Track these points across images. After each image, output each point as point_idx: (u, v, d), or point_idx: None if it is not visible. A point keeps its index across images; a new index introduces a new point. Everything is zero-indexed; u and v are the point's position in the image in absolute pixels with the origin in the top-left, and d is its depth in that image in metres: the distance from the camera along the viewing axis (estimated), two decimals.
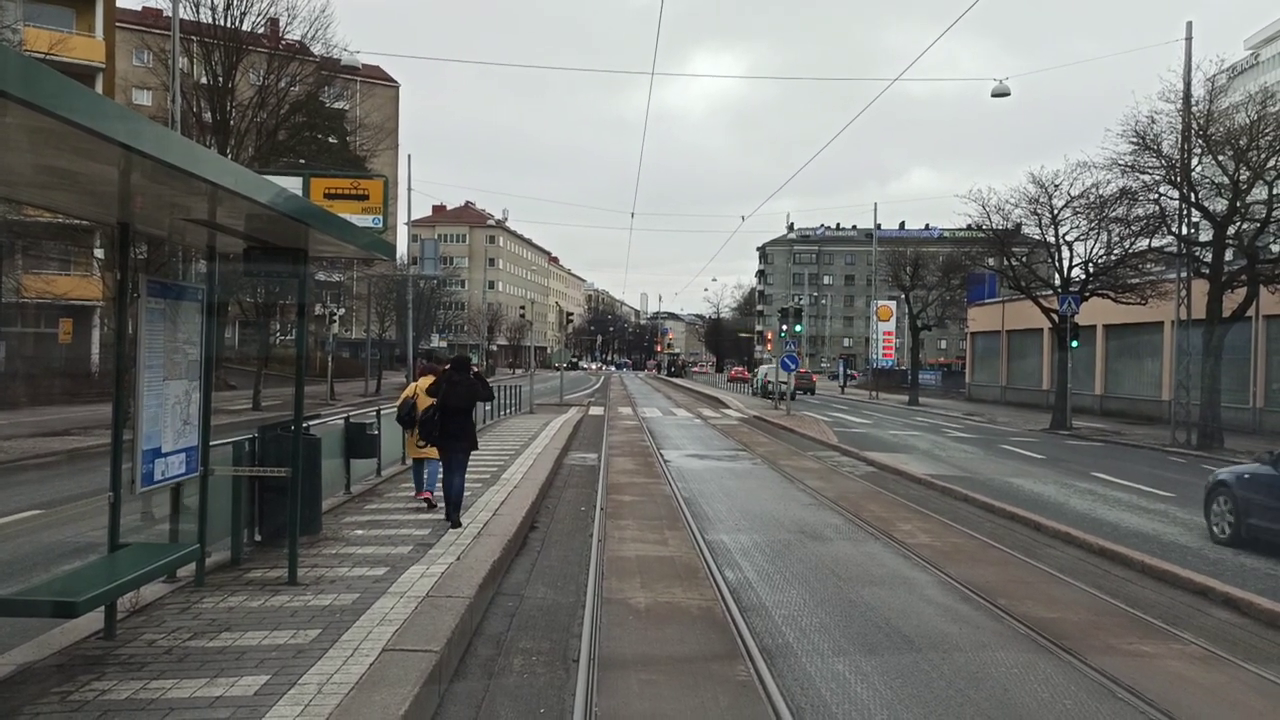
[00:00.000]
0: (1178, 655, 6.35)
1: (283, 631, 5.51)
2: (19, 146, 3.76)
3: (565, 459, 17.10)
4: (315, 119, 38.72)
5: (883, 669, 5.81)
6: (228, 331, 44.79)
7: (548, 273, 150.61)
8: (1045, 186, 30.71)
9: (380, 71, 67.39)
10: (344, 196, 16.10)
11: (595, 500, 12.30)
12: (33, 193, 5.36)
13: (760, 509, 12.18)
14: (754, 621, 6.71)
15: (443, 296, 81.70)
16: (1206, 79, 25.10)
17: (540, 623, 6.67)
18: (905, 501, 13.15)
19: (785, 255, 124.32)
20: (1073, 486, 15.76)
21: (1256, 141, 23.46)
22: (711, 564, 8.58)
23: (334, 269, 43.54)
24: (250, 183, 4.99)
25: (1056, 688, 5.52)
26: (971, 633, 6.70)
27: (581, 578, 8.02)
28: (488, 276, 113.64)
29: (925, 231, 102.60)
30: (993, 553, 9.72)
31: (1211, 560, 9.79)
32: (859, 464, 18.01)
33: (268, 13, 31.63)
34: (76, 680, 4.67)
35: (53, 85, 3.11)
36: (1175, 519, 12.63)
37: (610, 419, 28.61)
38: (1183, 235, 25.53)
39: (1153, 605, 7.68)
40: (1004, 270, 35.25)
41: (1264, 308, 26.80)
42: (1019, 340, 46.97)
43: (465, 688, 5.31)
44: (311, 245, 6.77)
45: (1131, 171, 25.78)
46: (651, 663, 5.87)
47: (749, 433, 25.36)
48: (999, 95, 26.50)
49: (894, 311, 62.86)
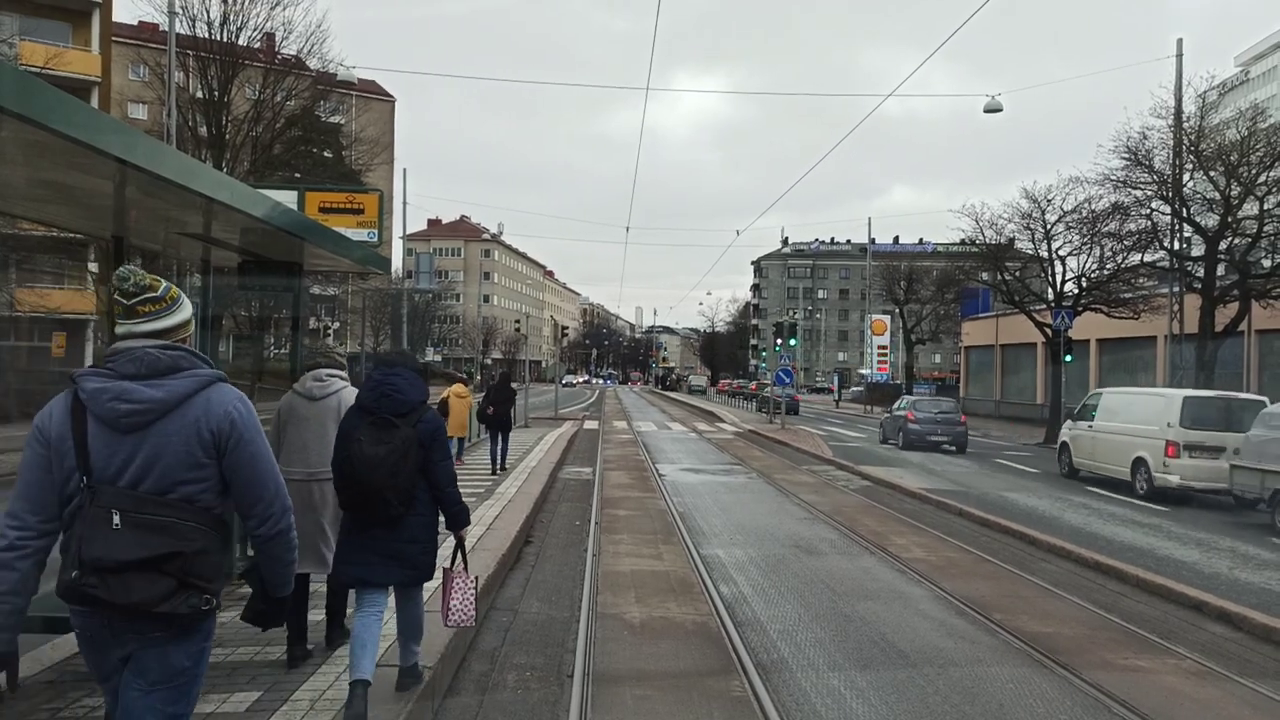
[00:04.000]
0: (1172, 670, 6.34)
1: (275, 647, 5.47)
2: (14, 160, 3.77)
3: (560, 473, 17.06)
4: (311, 133, 38.73)
5: (878, 684, 5.79)
6: (222, 345, 44.62)
7: (543, 286, 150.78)
8: (1038, 201, 30.89)
9: (375, 86, 67.55)
10: (339, 210, 16.08)
11: (590, 515, 12.27)
12: (27, 206, 5.36)
13: (755, 523, 12.16)
14: (749, 636, 6.69)
15: (438, 310, 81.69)
16: (1198, 95, 25.35)
17: (534, 638, 6.64)
18: (900, 516, 13.14)
19: (779, 269, 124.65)
20: (1067, 500, 15.77)
21: (1247, 157, 23.65)
22: (706, 579, 8.56)
23: (329, 282, 43.49)
24: (245, 197, 4.99)
25: (1052, 703, 5.51)
26: (967, 647, 6.69)
27: (576, 592, 7.99)
28: (483, 290, 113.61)
29: (919, 246, 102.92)
30: (987, 567, 9.71)
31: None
32: (854, 478, 18.00)
33: (264, 28, 31.72)
34: (67, 697, 4.64)
35: (48, 99, 3.12)
36: (1170, 533, 12.64)
37: (605, 433, 28.58)
38: (1175, 250, 25.68)
39: (1147, 619, 7.68)
40: (998, 285, 35.38)
41: (1256, 322, 26.93)
42: (1013, 354, 47.09)
43: (459, 703, 5.28)
44: (306, 259, 6.78)
45: (1124, 187, 25.99)
46: (646, 678, 5.84)
47: (744, 447, 25.34)
48: (991, 111, 26.73)
49: (888, 325, 62.94)
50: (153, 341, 2.72)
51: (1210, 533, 12.70)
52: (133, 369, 2.66)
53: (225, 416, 2.72)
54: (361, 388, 4.72)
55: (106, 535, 2.55)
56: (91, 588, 2.54)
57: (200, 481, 2.69)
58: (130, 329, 2.73)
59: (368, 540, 4.53)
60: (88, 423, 2.65)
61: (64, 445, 2.65)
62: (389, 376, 4.62)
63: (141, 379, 2.65)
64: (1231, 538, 12.32)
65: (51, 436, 2.67)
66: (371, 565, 4.54)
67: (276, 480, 2.84)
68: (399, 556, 4.53)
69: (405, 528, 4.53)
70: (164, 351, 2.70)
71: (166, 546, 2.58)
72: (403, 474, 4.42)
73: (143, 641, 2.64)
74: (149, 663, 2.66)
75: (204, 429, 2.68)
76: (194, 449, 2.67)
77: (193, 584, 2.61)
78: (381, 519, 4.47)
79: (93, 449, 2.63)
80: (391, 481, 4.38)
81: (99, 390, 2.65)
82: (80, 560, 2.55)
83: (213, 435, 2.69)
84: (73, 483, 2.64)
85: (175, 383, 2.68)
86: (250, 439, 2.76)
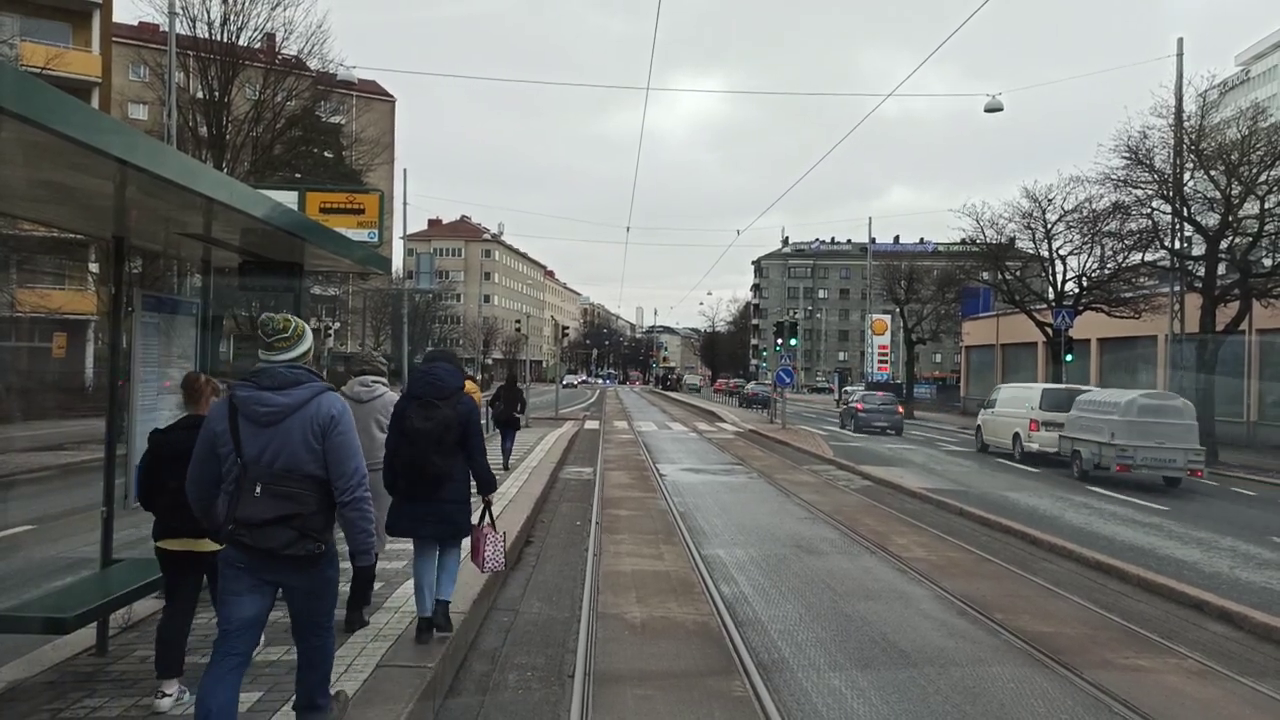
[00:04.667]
0: (1173, 669, 6.34)
1: (276, 647, 5.47)
2: (14, 161, 3.77)
3: (561, 473, 17.06)
4: (311, 133, 38.77)
5: (879, 684, 5.79)
6: (222, 345, 44.66)
7: (543, 286, 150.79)
8: (1038, 200, 30.89)
9: (376, 86, 67.53)
10: (339, 211, 16.10)
11: (591, 515, 12.27)
12: (28, 207, 5.36)
13: (756, 523, 12.16)
14: (750, 636, 6.69)
15: (438, 310, 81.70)
16: (1198, 94, 25.32)
17: (535, 638, 6.64)
18: (900, 515, 13.14)
19: (780, 269, 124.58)
20: (1068, 500, 15.76)
21: (1248, 156, 23.64)
22: (707, 578, 8.55)
23: (330, 283, 43.55)
24: (246, 197, 4.99)
25: (1053, 702, 5.51)
26: (968, 647, 6.68)
27: (577, 592, 7.99)
28: (483, 290, 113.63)
29: (920, 246, 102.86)
30: (988, 567, 9.71)
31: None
32: (854, 478, 18.00)
33: (264, 28, 31.74)
34: (68, 698, 4.64)
35: (48, 100, 3.11)
36: (1171, 533, 12.63)
37: (606, 434, 28.59)
38: (1175, 249, 25.66)
39: (1148, 619, 7.68)
40: (998, 284, 35.41)
41: (1257, 322, 26.91)
42: (1014, 354, 47.07)
43: (460, 704, 5.28)
44: (307, 259, 6.78)
45: (1124, 186, 25.99)
46: (647, 678, 5.84)
47: (744, 447, 25.34)
48: (992, 110, 26.70)
49: (889, 325, 62.91)
50: (284, 364, 3.87)
51: (1211, 532, 12.69)
52: (269, 383, 3.79)
53: (328, 415, 3.81)
54: (410, 377, 5.76)
55: (252, 500, 3.66)
56: (241, 536, 3.66)
57: (313, 461, 3.76)
58: (269, 358, 3.88)
59: (418, 506, 5.52)
60: (238, 422, 3.74)
61: (223, 436, 3.76)
62: (432, 368, 5.72)
63: (275, 389, 3.78)
64: (1233, 537, 12.31)
65: (215, 430, 3.80)
66: (423, 523, 5.58)
67: (358, 463, 3.87)
68: (443, 517, 5.58)
69: (446, 494, 5.53)
70: (290, 370, 3.85)
71: (291, 509, 3.67)
72: (445, 443, 5.48)
73: (276, 575, 3.76)
74: (293, 585, 3.84)
75: (315, 424, 3.76)
76: (309, 438, 3.75)
77: (308, 535, 3.71)
78: (430, 480, 5.44)
79: (243, 438, 3.73)
80: (436, 448, 5.43)
81: (246, 397, 3.77)
82: (234, 517, 3.66)
83: (320, 428, 3.77)
84: (228, 461, 3.74)
85: (298, 392, 3.80)
86: (342, 431, 3.83)
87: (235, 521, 3.65)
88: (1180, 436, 17.56)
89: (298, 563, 3.72)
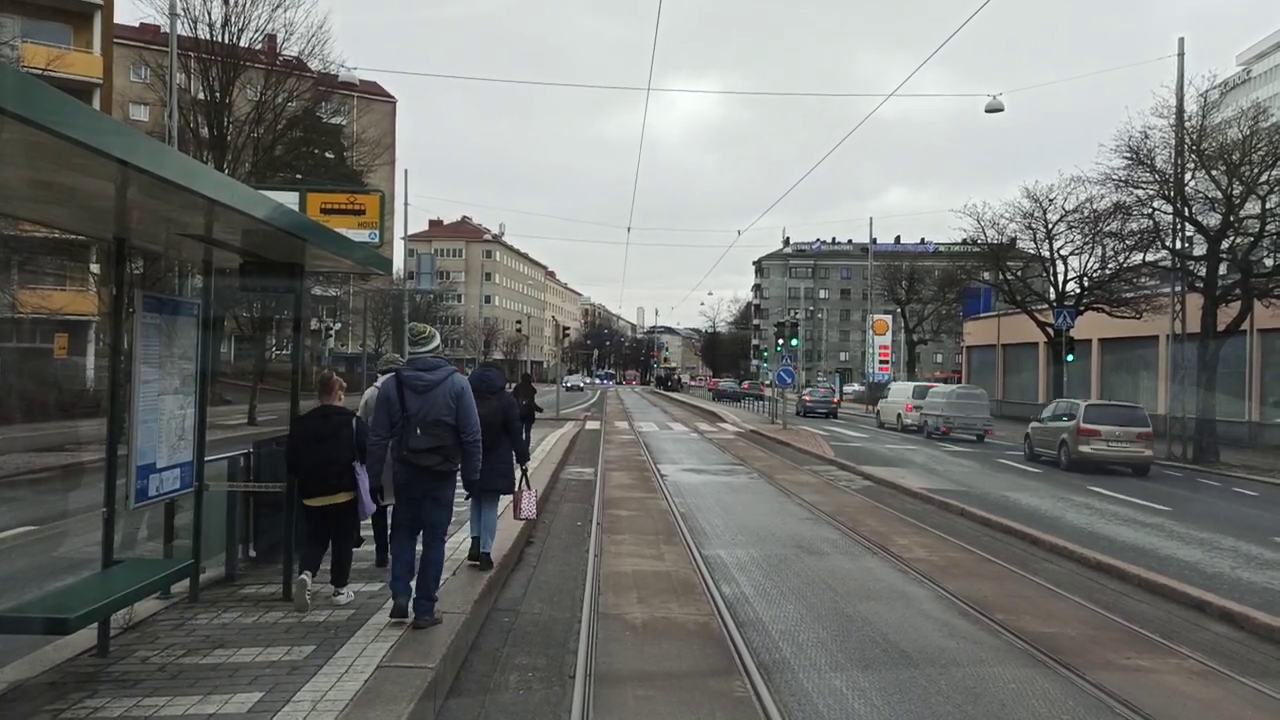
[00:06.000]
0: (1175, 670, 6.34)
1: (277, 648, 5.48)
2: (15, 162, 3.76)
3: (562, 473, 17.06)
4: (312, 134, 38.77)
5: (880, 685, 5.79)
6: (224, 346, 44.73)
7: (544, 287, 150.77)
8: (1039, 201, 30.87)
9: (377, 87, 67.52)
10: (340, 211, 16.13)
11: (591, 515, 12.27)
12: (29, 208, 5.36)
13: (757, 523, 12.16)
14: (751, 637, 6.69)
15: (439, 310, 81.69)
16: (1199, 94, 25.29)
17: (536, 638, 6.64)
18: (902, 516, 13.14)
19: (781, 269, 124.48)
20: (1069, 500, 15.76)
21: (1249, 156, 23.61)
22: (708, 579, 8.55)
23: (330, 283, 43.51)
24: (247, 198, 4.99)
25: (1054, 703, 5.51)
26: (969, 648, 6.68)
27: (578, 593, 7.99)
28: (484, 291, 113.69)
29: (920, 246, 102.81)
30: (990, 567, 9.71)
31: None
32: (855, 478, 17.99)
33: (265, 29, 31.72)
34: (69, 698, 4.64)
35: (49, 101, 3.11)
36: (1172, 533, 12.63)
37: (607, 434, 28.58)
38: (1177, 249, 25.63)
39: (1150, 619, 7.67)
40: (999, 284, 35.39)
41: (1258, 321, 26.90)
42: (1015, 354, 47.04)
43: (461, 704, 5.28)
44: (308, 260, 6.77)
45: (1125, 186, 25.95)
46: (648, 679, 5.84)
47: (746, 447, 25.34)
48: (993, 110, 26.69)
49: (890, 325, 62.90)
50: (427, 354, 6.20)
51: (1213, 532, 12.69)
52: (422, 366, 6.08)
53: (460, 387, 6.06)
54: (471, 376, 7.53)
55: (415, 436, 5.86)
56: (411, 457, 5.85)
57: (449, 415, 5.95)
58: (417, 350, 6.23)
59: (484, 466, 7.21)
60: (404, 390, 5.96)
61: (394, 400, 5.95)
62: (485, 371, 8.35)
63: (426, 370, 6.05)
64: (1234, 537, 12.30)
65: (389, 395, 5.99)
66: (487, 478, 7.16)
67: (474, 418, 6.09)
68: (497, 474, 7.83)
69: (498, 459, 7.74)
70: (433, 358, 6.19)
71: (438, 442, 5.89)
72: (495, 424, 7.61)
73: (427, 486, 5.96)
74: (435, 494, 6.02)
75: (450, 392, 5.99)
76: (448, 400, 5.97)
77: (448, 458, 5.99)
78: (489, 447, 6.95)
79: (407, 401, 5.93)
80: (487, 429, 6.94)
81: (410, 376, 6.02)
82: (406, 447, 5.85)
83: (454, 395, 5.99)
84: (396, 415, 5.91)
85: (439, 373, 6.05)
86: (465, 398, 6.05)
87: (407, 449, 5.84)
88: (979, 410, 30.00)
89: (440, 476, 5.98)
